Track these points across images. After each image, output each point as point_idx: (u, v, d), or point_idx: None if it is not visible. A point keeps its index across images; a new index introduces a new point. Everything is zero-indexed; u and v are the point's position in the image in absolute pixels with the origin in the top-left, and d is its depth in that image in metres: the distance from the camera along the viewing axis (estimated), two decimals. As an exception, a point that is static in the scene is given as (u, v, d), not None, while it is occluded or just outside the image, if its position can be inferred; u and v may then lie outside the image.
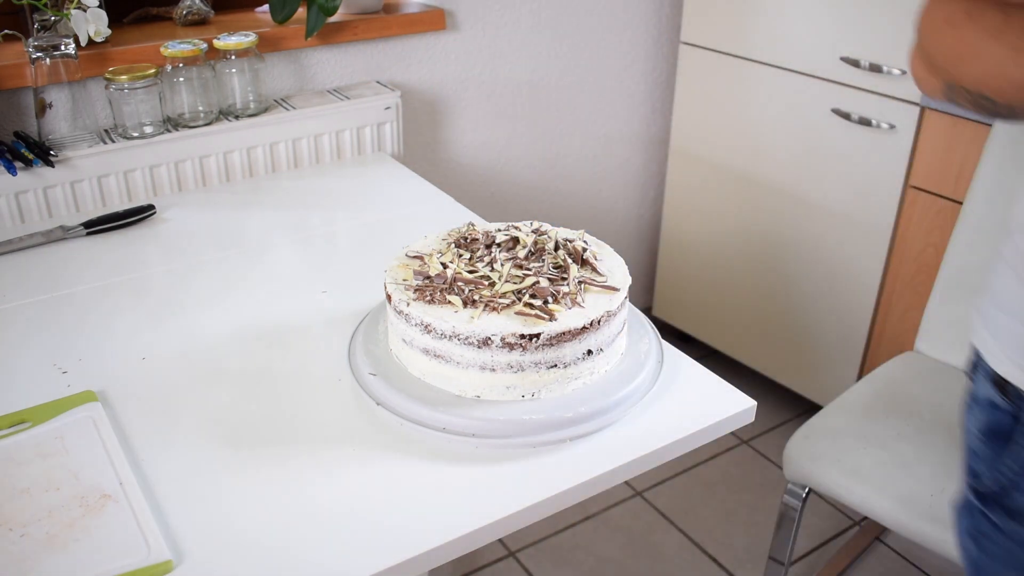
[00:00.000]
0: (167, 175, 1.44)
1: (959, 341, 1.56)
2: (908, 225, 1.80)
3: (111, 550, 0.71)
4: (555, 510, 0.80)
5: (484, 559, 1.78)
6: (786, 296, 2.07)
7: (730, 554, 1.83)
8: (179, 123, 1.44)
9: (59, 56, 1.32)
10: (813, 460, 1.38)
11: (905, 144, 1.75)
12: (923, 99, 1.69)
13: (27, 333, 1.04)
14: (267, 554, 0.73)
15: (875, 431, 1.41)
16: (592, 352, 0.87)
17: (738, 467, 2.08)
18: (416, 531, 0.75)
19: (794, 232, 2.00)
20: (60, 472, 0.79)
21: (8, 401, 0.90)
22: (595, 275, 0.92)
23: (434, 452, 0.83)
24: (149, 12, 1.60)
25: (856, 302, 1.93)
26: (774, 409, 2.20)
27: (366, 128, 1.61)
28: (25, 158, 1.30)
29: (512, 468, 0.82)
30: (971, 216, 1.52)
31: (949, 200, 1.72)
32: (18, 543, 0.72)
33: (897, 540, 1.85)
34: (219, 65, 1.46)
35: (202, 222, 1.33)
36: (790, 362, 2.13)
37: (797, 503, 1.44)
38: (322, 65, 1.64)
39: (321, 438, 0.86)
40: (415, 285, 0.89)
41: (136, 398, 0.92)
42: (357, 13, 1.66)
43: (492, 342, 0.82)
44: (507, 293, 0.86)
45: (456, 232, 0.99)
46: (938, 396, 1.50)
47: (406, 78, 1.75)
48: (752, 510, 1.94)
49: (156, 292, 1.13)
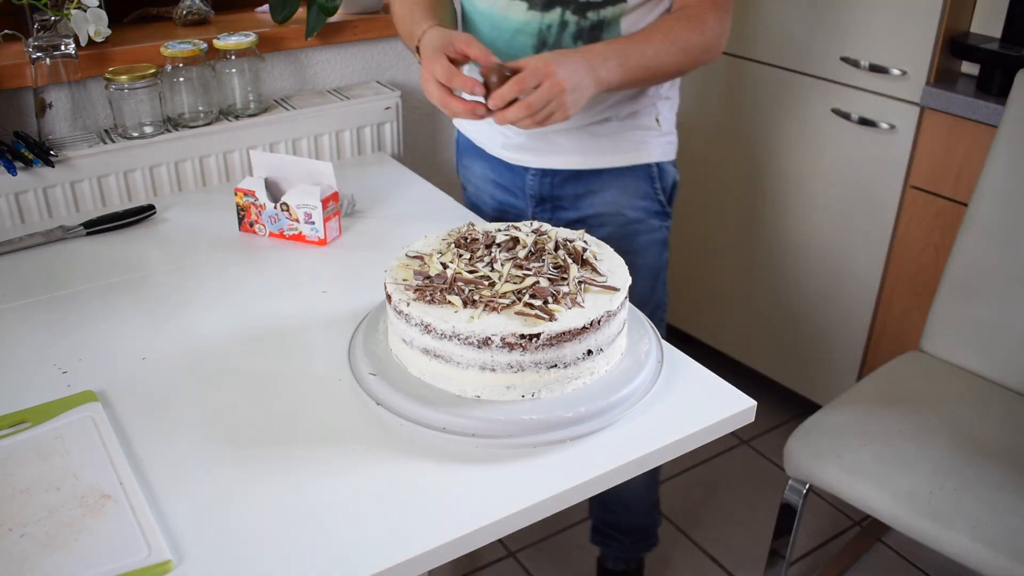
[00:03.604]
0: (167, 175, 1.44)
1: (964, 341, 1.56)
2: (908, 225, 1.80)
3: (111, 550, 0.71)
4: (555, 510, 0.80)
5: (484, 559, 1.78)
6: (786, 296, 2.07)
7: (730, 554, 1.83)
8: (179, 123, 1.44)
9: (59, 56, 1.32)
10: (814, 456, 1.38)
11: (905, 144, 1.75)
12: (923, 99, 1.69)
13: (27, 333, 1.04)
14: (267, 554, 0.73)
15: (876, 428, 1.41)
16: (592, 352, 0.87)
17: (738, 467, 2.08)
18: (416, 531, 0.75)
19: (794, 232, 2.00)
20: (60, 472, 0.79)
21: (8, 401, 0.90)
22: (595, 275, 0.92)
23: (434, 452, 0.83)
24: (149, 12, 1.60)
25: (856, 302, 1.93)
26: (774, 409, 2.20)
27: (366, 128, 1.61)
28: (25, 158, 1.30)
29: (512, 468, 0.82)
30: (977, 217, 1.52)
31: (949, 200, 1.72)
32: (18, 543, 0.72)
33: (898, 540, 1.85)
34: (219, 65, 1.46)
35: (202, 222, 1.33)
36: (790, 362, 2.13)
37: (798, 500, 1.44)
38: (322, 65, 1.64)
39: (321, 438, 0.86)
40: (415, 285, 0.89)
41: (136, 398, 0.92)
42: (357, 13, 1.66)
43: (492, 342, 0.82)
44: (507, 293, 0.86)
45: (456, 232, 0.99)
46: (941, 395, 1.50)
47: (406, 78, 1.75)
48: (752, 510, 1.94)
49: (156, 292, 1.13)
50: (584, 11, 1.18)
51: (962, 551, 1.22)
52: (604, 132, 1.28)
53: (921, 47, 1.68)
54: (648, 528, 1.66)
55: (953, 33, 1.69)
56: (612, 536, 1.65)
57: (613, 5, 1.18)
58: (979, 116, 1.62)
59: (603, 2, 1.18)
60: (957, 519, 1.24)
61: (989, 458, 1.34)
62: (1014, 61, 1.59)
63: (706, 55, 1.20)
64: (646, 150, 1.31)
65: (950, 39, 1.68)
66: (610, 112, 1.27)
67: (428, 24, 1.15)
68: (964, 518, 1.24)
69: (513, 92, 1.03)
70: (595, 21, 1.19)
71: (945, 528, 1.24)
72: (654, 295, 1.41)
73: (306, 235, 1.25)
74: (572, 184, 1.32)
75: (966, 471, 1.31)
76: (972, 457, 1.34)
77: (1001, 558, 1.19)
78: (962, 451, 1.35)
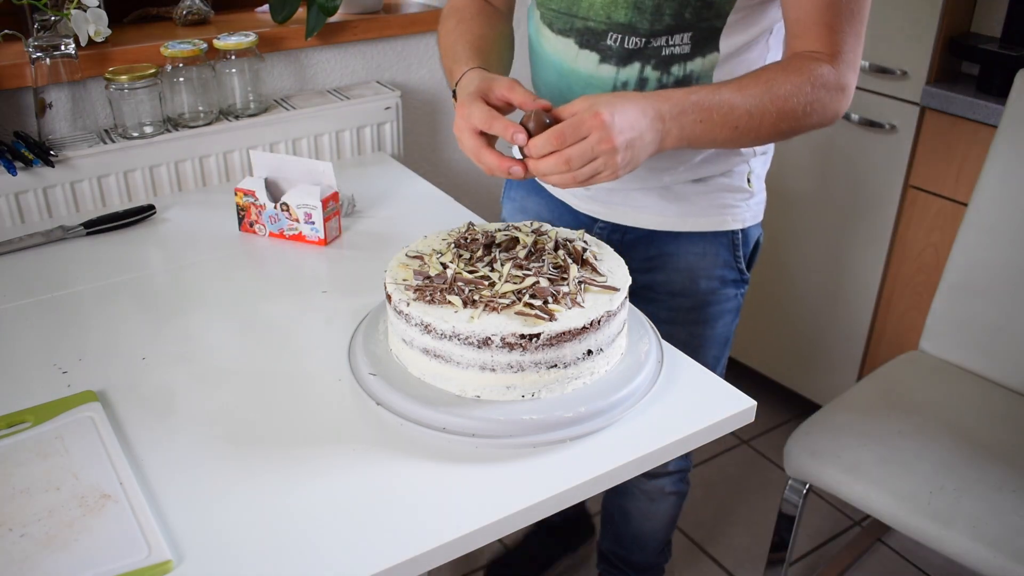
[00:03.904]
0: (167, 175, 1.44)
1: (964, 341, 1.56)
2: (908, 225, 1.80)
3: (111, 550, 0.71)
4: (555, 510, 0.80)
5: (484, 559, 1.78)
6: (786, 296, 2.07)
7: (730, 554, 1.83)
8: (179, 123, 1.44)
9: (59, 56, 1.32)
10: (814, 456, 1.38)
11: (905, 144, 1.75)
12: (923, 99, 1.69)
13: (27, 333, 1.04)
14: (267, 554, 0.73)
15: (876, 428, 1.41)
16: (592, 352, 0.87)
17: (738, 467, 2.08)
18: (416, 531, 0.75)
19: (794, 232, 2.00)
20: (60, 472, 0.79)
21: (8, 401, 0.90)
22: (595, 275, 0.92)
23: (434, 452, 0.83)
24: (149, 12, 1.59)
25: (856, 302, 1.93)
26: (774, 409, 2.20)
27: (366, 128, 1.61)
28: (25, 158, 1.30)
29: (512, 468, 0.82)
30: (977, 217, 1.52)
31: (949, 200, 1.72)
32: (18, 543, 0.72)
33: (898, 540, 1.85)
34: (219, 65, 1.46)
35: (202, 222, 1.33)
36: (790, 362, 2.13)
37: (797, 499, 1.44)
38: (322, 65, 1.64)
39: (321, 438, 0.86)
40: (415, 285, 0.89)
41: (136, 398, 0.92)
42: (357, 13, 1.66)
43: (492, 342, 0.82)
44: (507, 293, 0.86)
45: (456, 232, 0.99)
46: (940, 395, 1.50)
47: (406, 78, 1.75)
48: (752, 510, 1.94)
49: (156, 292, 1.13)
50: (668, 65, 0.99)
51: (962, 551, 1.22)
52: (688, 193, 1.11)
53: (921, 47, 1.68)
54: (658, 565, 1.59)
55: (953, 33, 1.69)
56: (620, 569, 1.58)
57: (703, 56, 0.98)
58: (979, 116, 1.62)
59: (691, 53, 0.98)
60: (957, 519, 1.24)
61: (989, 458, 1.34)
62: (1014, 61, 1.59)
63: (817, 117, 0.94)
64: (732, 215, 1.13)
65: (950, 39, 1.68)
66: (698, 172, 1.09)
67: (470, 66, 1.01)
68: (964, 518, 1.24)
69: (550, 145, 0.86)
70: (680, 76, 1.00)
71: (945, 528, 1.24)
72: (718, 366, 1.25)
73: (306, 235, 1.25)
74: (644, 245, 1.14)
75: (966, 471, 1.31)
76: (972, 457, 1.34)
77: (1001, 558, 1.19)
78: (962, 451, 1.35)
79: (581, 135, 0.85)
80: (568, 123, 0.86)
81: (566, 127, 0.85)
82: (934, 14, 1.64)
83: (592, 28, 1.01)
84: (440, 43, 1.13)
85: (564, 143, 0.85)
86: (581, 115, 0.85)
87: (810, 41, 0.94)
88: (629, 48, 0.99)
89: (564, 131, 0.85)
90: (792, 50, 0.97)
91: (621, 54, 1.00)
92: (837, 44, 0.93)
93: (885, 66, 1.73)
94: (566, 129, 0.85)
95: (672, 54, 0.99)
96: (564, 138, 0.85)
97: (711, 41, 0.99)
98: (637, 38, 0.99)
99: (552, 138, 0.85)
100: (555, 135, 0.85)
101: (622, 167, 0.87)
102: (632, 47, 0.99)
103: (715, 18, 0.97)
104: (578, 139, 0.85)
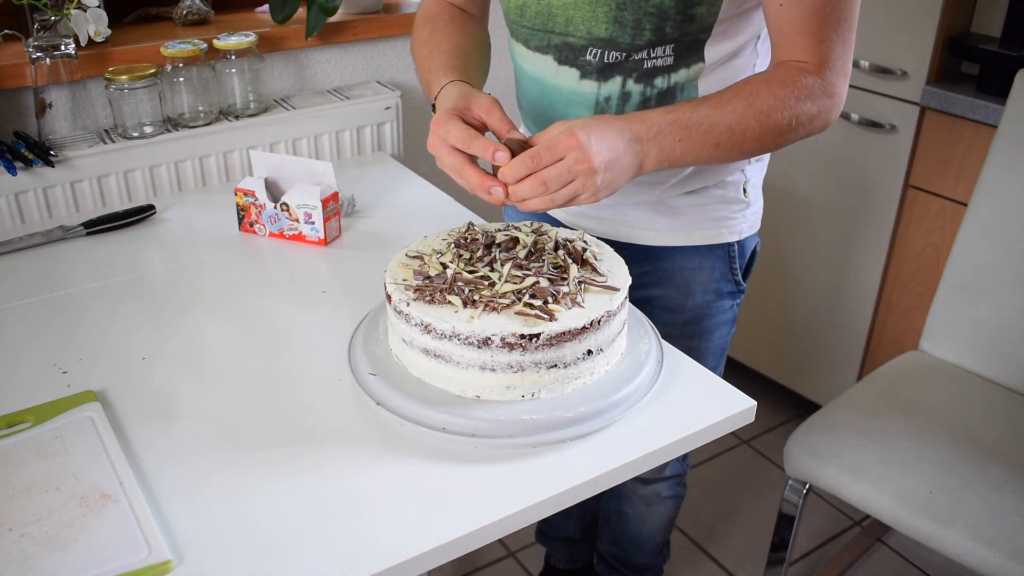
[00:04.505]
0: (167, 175, 1.44)
1: (963, 341, 1.56)
2: (908, 225, 1.80)
3: (111, 550, 0.71)
4: (555, 510, 0.80)
5: (484, 559, 1.78)
6: (786, 296, 2.07)
7: (730, 554, 1.83)
8: (179, 123, 1.44)
9: (59, 56, 1.32)
10: (813, 456, 1.38)
11: (905, 144, 1.75)
12: (923, 99, 1.69)
13: (27, 333, 1.04)
14: (267, 554, 0.73)
15: (876, 428, 1.41)
16: (592, 352, 0.87)
17: (738, 467, 2.08)
18: (416, 531, 0.75)
19: (794, 232, 2.00)
20: (60, 472, 0.79)
21: (8, 401, 0.90)
22: (595, 275, 0.92)
23: (434, 452, 0.83)
24: (149, 12, 1.60)
25: (856, 302, 1.93)
26: (774, 409, 2.20)
27: (366, 128, 1.61)
28: (25, 158, 1.30)
29: (512, 468, 0.82)
30: (977, 217, 1.52)
31: (949, 200, 1.72)
32: (18, 543, 0.72)
33: (898, 540, 1.85)
34: (219, 65, 1.46)
35: (202, 222, 1.33)
36: (790, 362, 2.13)
37: (797, 499, 1.44)
38: (322, 65, 1.64)
39: (321, 438, 0.86)
40: (415, 285, 0.89)
41: (136, 398, 0.92)
42: (357, 13, 1.66)
43: (492, 342, 0.82)
44: (507, 293, 0.86)
45: (456, 232, 0.99)
46: (940, 394, 1.50)
47: (406, 78, 1.75)
48: (752, 510, 1.94)
49: (156, 292, 1.13)
50: (651, 78, 0.97)
51: (962, 551, 1.22)
52: (682, 206, 1.09)
53: (921, 47, 1.68)
54: (656, 565, 1.59)
55: (953, 33, 1.69)
56: (618, 570, 1.58)
57: (688, 67, 0.96)
58: (979, 116, 1.62)
59: (674, 64, 0.96)
60: (957, 519, 1.24)
61: (989, 458, 1.34)
62: (1014, 61, 1.59)
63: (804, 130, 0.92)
64: (728, 227, 1.10)
65: (950, 39, 1.68)
66: (690, 184, 1.07)
67: (449, 78, 0.98)
68: (964, 518, 1.24)
69: (525, 167, 0.84)
70: (664, 88, 0.98)
71: (945, 528, 1.24)
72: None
73: (306, 235, 1.25)
74: (638, 261, 1.10)
75: (966, 471, 1.31)
76: (972, 457, 1.34)
77: (1001, 558, 1.19)
78: (962, 451, 1.35)
79: (557, 156, 0.83)
80: (543, 144, 0.84)
81: (541, 148, 0.84)
82: (934, 14, 1.65)
83: (571, 44, 0.99)
84: (415, 54, 1.11)
85: (539, 164, 0.84)
86: (556, 136, 0.84)
87: (795, 51, 0.92)
88: (609, 62, 0.98)
89: (539, 153, 0.84)
90: (777, 59, 0.94)
91: (601, 69, 0.99)
92: (823, 53, 0.90)
93: (885, 66, 1.73)
94: (541, 151, 0.84)
95: (655, 66, 0.97)
96: (539, 159, 0.84)
97: (695, 52, 0.97)
98: (618, 52, 0.97)
99: (526, 159, 0.84)
100: (529, 156, 0.84)
101: (601, 189, 0.85)
102: (612, 61, 0.98)
103: (699, 32, 0.96)
104: (554, 160, 0.84)
